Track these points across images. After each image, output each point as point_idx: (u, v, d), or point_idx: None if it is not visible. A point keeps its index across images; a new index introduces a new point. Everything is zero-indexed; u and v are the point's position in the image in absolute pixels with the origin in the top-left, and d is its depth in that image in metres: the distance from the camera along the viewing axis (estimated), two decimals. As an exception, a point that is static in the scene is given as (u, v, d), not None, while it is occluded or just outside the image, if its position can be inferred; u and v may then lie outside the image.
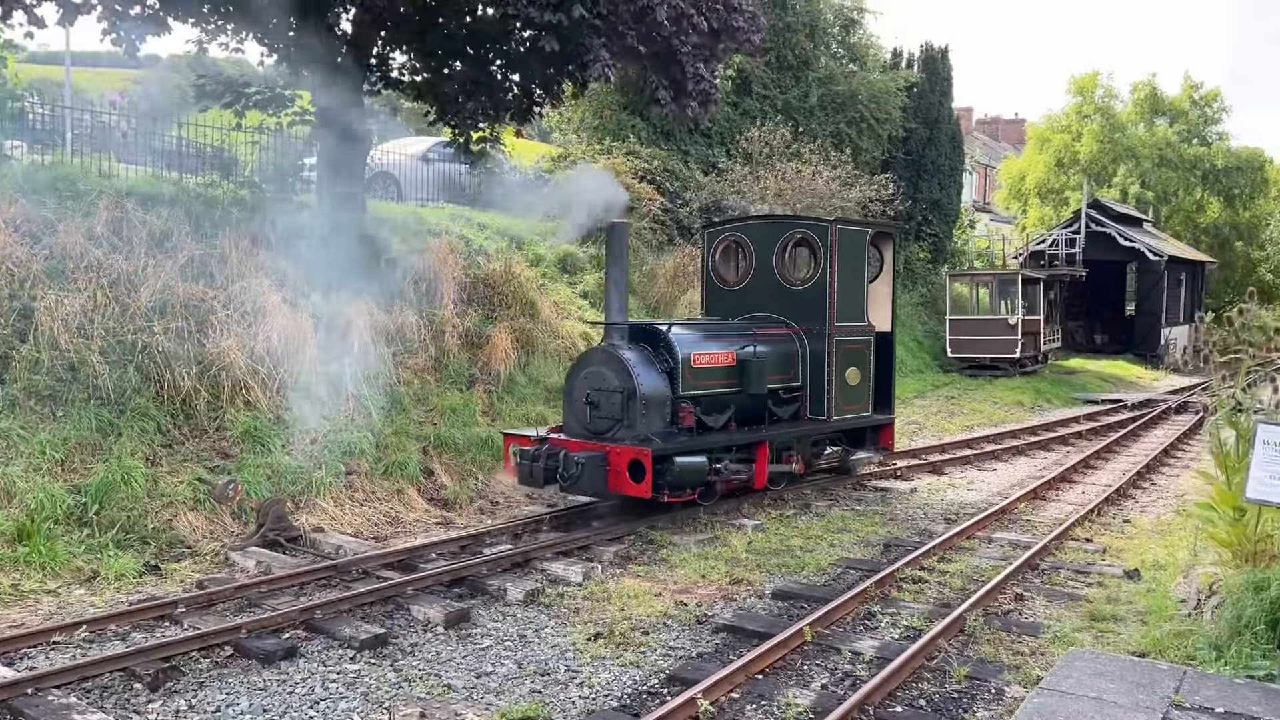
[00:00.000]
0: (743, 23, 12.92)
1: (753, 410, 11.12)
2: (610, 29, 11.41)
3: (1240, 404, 8.57)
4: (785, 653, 6.61)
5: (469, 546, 9.07)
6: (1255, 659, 5.69)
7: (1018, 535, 10.31)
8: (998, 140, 59.54)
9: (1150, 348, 35.80)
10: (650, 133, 23.26)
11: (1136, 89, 47.86)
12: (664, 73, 12.46)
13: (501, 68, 13.33)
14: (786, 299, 11.77)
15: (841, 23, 28.54)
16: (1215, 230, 46.83)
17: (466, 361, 12.69)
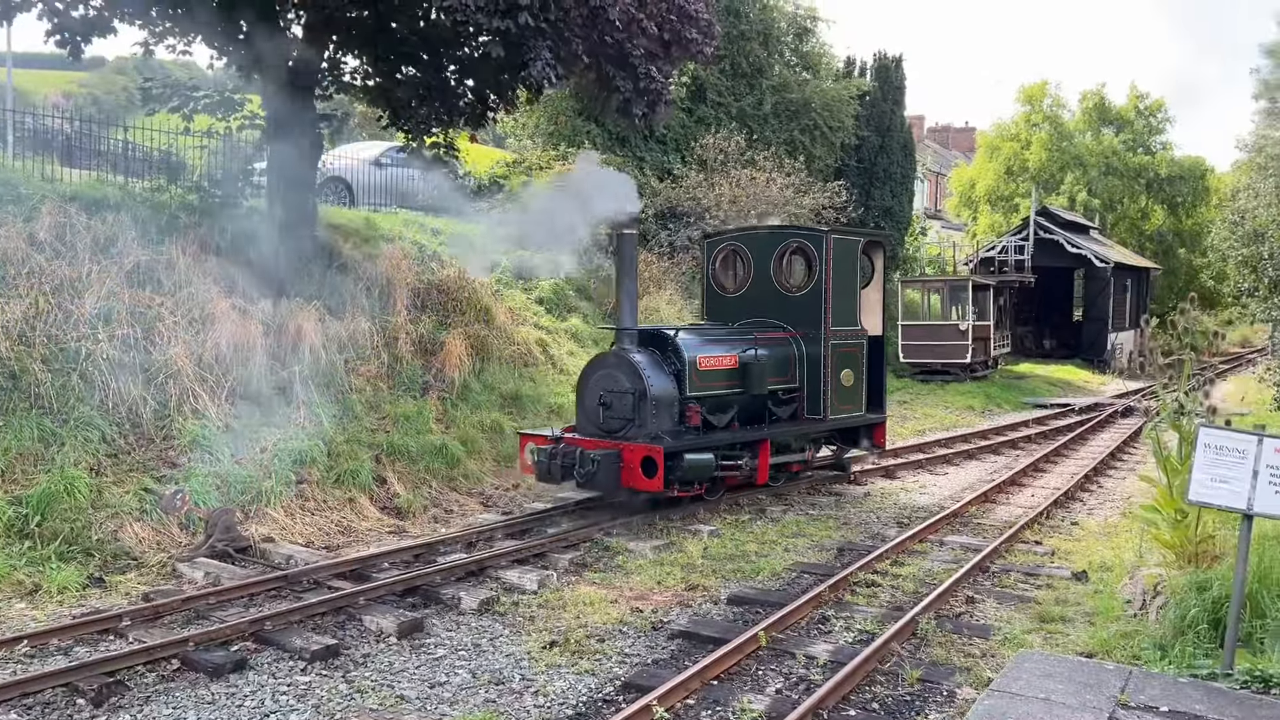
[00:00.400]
0: (696, 34, 12.97)
1: (754, 410, 11.60)
2: (558, 35, 11.40)
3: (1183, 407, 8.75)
4: (740, 658, 6.63)
5: (422, 555, 8.99)
6: (1198, 658, 5.80)
7: (969, 538, 10.43)
8: (949, 148, 60.39)
9: (1097, 353, 36.47)
10: (605, 139, 23.27)
11: (1085, 98, 48.80)
12: (619, 69, 12.48)
13: (455, 73, 13.27)
14: (784, 305, 12.26)
15: (795, 31, 28.78)
16: (1159, 237, 47.87)
17: (420, 368, 12.59)
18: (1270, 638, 5.79)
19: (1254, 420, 14.24)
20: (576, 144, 21.94)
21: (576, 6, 11.32)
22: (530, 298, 16.40)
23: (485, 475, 11.92)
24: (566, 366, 15.21)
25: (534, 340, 14.98)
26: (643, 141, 24.18)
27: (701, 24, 12.93)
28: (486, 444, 12.38)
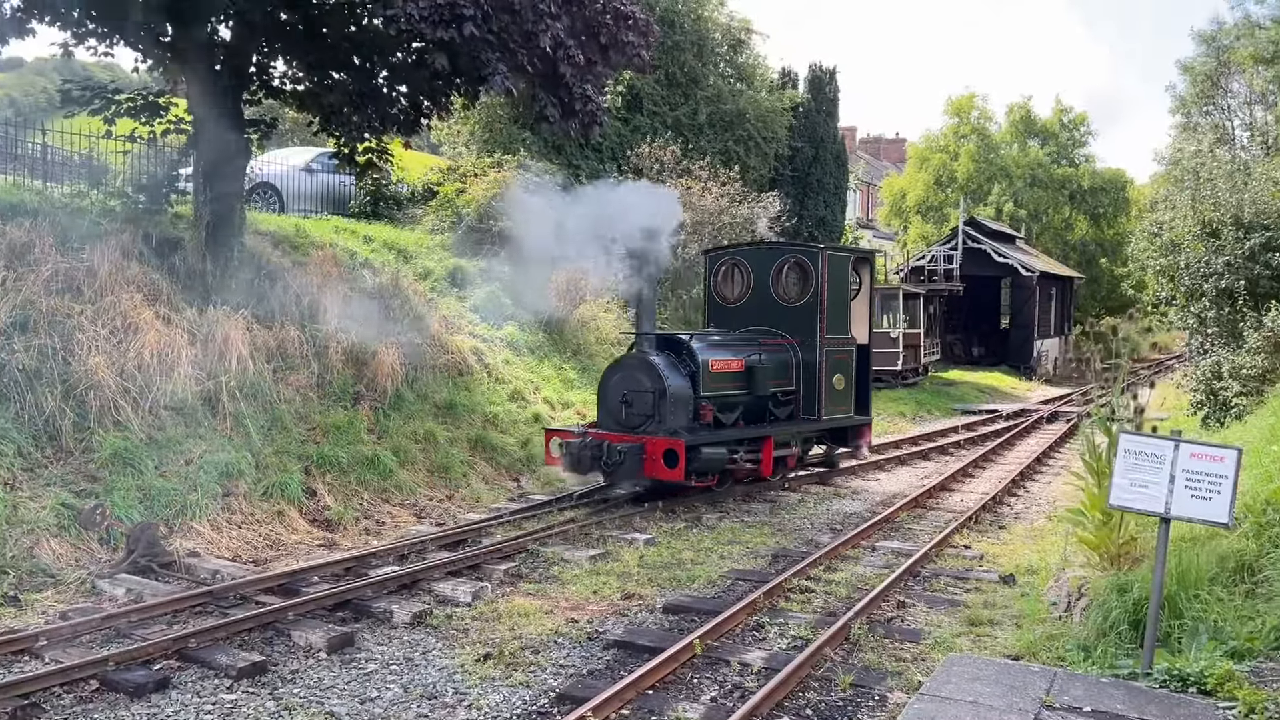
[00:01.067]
0: (633, 37, 13.00)
1: (757, 410, 12.59)
2: (503, 46, 11.35)
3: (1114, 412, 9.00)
4: (675, 667, 6.63)
5: (354, 569, 8.83)
6: (1120, 658, 5.95)
7: (900, 543, 10.59)
8: (880, 159, 61.35)
9: (1024, 360, 37.36)
10: (541, 146, 23.21)
11: (1012, 111, 49.97)
12: (551, 92, 12.46)
13: (388, 79, 13.11)
14: (781, 314, 13.25)
15: (729, 42, 29.04)
16: (1082, 247, 49.21)
17: (351, 378, 12.39)
18: (1188, 637, 5.95)
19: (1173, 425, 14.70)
20: (512, 151, 21.85)
21: (514, 23, 11.29)
22: (465, 305, 16.26)
23: (419, 486, 11.76)
24: (502, 375, 15.11)
25: (469, 349, 14.84)
26: (578, 149, 24.16)
27: (639, 25, 12.96)
28: (420, 454, 12.23)
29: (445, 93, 12.91)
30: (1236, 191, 15.63)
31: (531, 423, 14.45)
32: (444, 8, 10.49)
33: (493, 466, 13.06)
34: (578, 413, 15.79)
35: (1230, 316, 15.07)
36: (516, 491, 12.60)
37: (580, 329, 18.10)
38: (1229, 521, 5.51)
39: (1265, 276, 14.58)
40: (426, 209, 18.99)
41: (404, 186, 20.21)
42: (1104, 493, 7.09)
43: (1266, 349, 13.16)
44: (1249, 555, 6.75)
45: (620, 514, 11.07)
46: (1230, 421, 13.64)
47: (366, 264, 14.75)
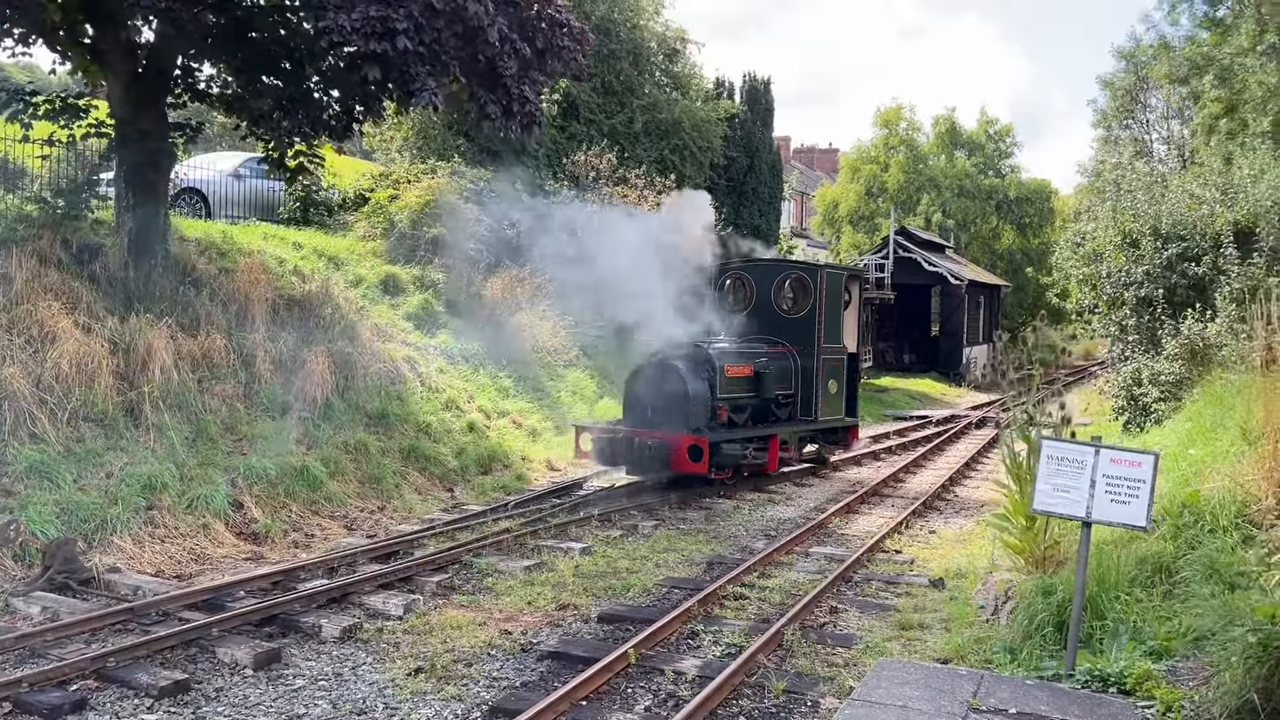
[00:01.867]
0: (569, 43, 13.00)
1: (762, 411, 13.82)
2: (434, 58, 11.25)
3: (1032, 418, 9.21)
4: (609, 677, 6.60)
5: (281, 582, 8.63)
6: (1044, 660, 6.08)
7: (833, 549, 10.70)
8: (814, 169, 62.15)
9: (953, 366, 38.11)
10: (476, 153, 23.08)
11: (938, 123, 51.04)
12: (490, 91, 12.39)
13: (319, 84, 12.91)
14: (782, 325, 14.59)
15: (665, 52, 29.18)
16: (1009, 256, 50.40)
17: (280, 387, 12.15)
18: (1109, 638, 6.10)
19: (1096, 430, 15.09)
20: (446, 157, 21.68)
21: (449, 27, 11.19)
22: (398, 314, 16.07)
23: (349, 497, 11.56)
24: (436, 384, 14.95)
25: (401, 358, 14.66)
26: (514, 156, 24.07)
27: (574, 31, 12.98)
28: (351, 465, 12.03)
29: (378, 98, 12.77)
30: (1155, 203, 16.14)
31: (466, 432, 14.33)
32: (376, 20, 10.37)
33: (426, 477, 12.91)
34: (512, 421, 15.71)
35: (1149, 324, 15.55)
36: (450, 502, 12.47)
37: (516, 336, 18.01)
38: (1147, 525, 5.67)
39: (1182, 285, 15.08)
40: (358, 215, 18.77)
41: (335, 192, 19.94)
42: (1027, 498, 7.25)
43: (1183, 356, 13.60)
44: (1167, 557, 6.95)
45: (556, 524, 11.01)
46: (1150, 426, 14.07)
47: (296, 271, 14.49)
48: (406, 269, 17.27)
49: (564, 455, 15.45)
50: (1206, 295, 14.39)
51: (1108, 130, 45.38)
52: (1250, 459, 7.63)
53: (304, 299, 13.57)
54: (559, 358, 18.87)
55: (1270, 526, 6.77)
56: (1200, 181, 16.97)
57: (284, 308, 13.17)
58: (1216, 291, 14.05)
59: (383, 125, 22.36)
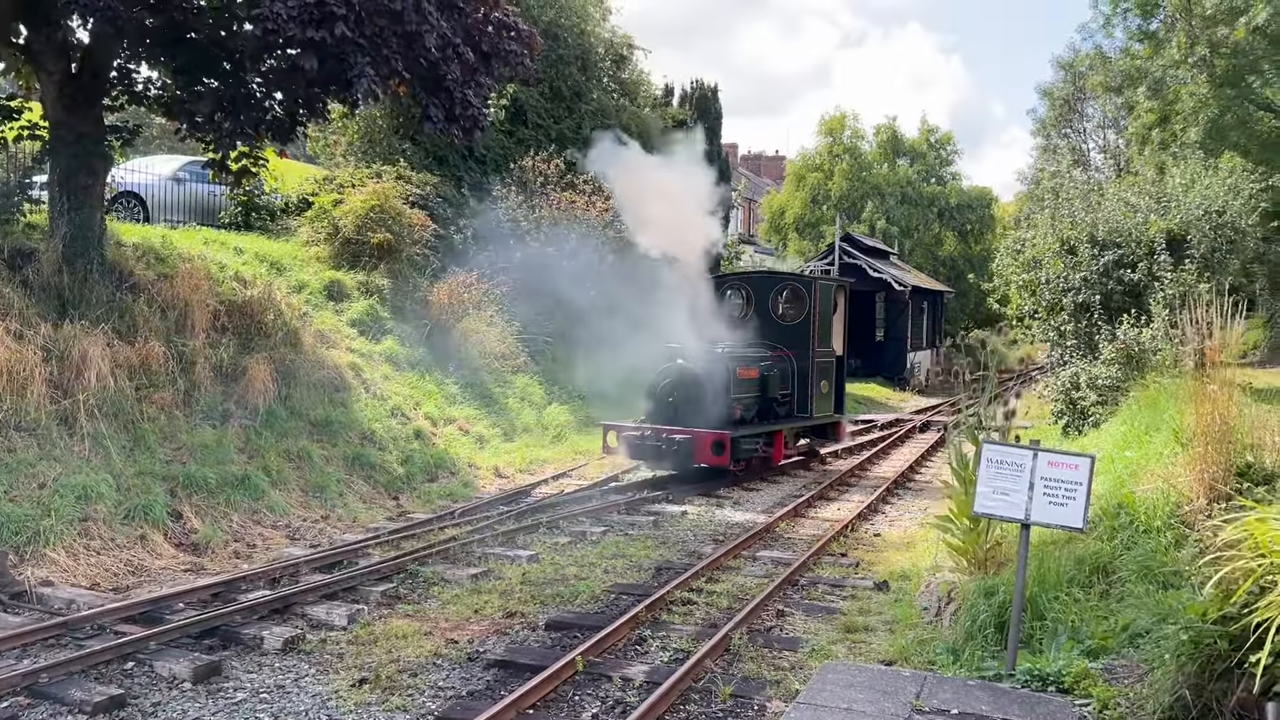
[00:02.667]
0: (515, 46, 12.95)
1: (766, 409, 15.20)
2: (375, 51, 11.12)
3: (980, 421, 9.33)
4: (557, 685, 6.58)
5: (222, 594, 8.47)
6: (986, 660, 6.17)
7: (780, 553, 10.77)
8: (761, 175, 62.64)
9: (898, 371, 38.60)
10: (422, 157, 22.88)
11: (880, 131, 51.75)
12: (433, 95, 12.30)
13: (261, 85, 12.70)
14: (780, 331, 16.16)
15: (613, 57, 29.21)
16: (951, 262, 51.23)
17: (220, 395, 11.93)
18: (1048, 638, 6.22)
19: (1036, 434, 15.38)
20: (391, 162, 21.45)
21: (391, 25, 11.08)
22: (342, 320, 15.86)
23: (292, 506, 11.39)
24: (382, 391, 14.78)
25: (346, 364, 14.48)
26: (461, 161, 23.92)
27: (522, 35, 12.93)
28: (294, 473, 11.86)
29: (322, 99, 12.60)
30: (1091, 211, 16.50)
31: (412, 439, 14.19)
32: (313, 7, 10.22)
33: (371, 485, 12.76)
34: (459, 428, 15.59)
35: (1087, 329, 15.88)
36: (396, 510, 12.34)
37: (463, 342, 17.88)
38: (1084, 526, 5.78)
39: (1118, 291, 15.42)
40: (302, 220, 18.50)
41: (278, 197, 19.63)
42: (970, 500, 7.36)
43: (1119, 360, 13.90)
44: (1104, 557, 7.10)
45: (503, 531, 10.94)
46: (1088, 429, 14.36)
47: (238, 277, 14.24)
48: (351, 274, 17.06)
49: (511, 462, 15.38)
50: (1141, 301, 14.73)
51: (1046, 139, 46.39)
52: (1182, 461, 7.83)
53: (246, 305, 13.33)
54: (507, 364, 18.78)
55: (1201, 526, 6.95)
56: (1135, 190, 17.40)
57: (225, 314, 12.93)
58: (1151, 297, 14.39)
59: (327, 129, 22.09)
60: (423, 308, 17.49)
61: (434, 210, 20.48)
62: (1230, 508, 6.37)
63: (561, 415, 18.35)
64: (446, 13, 11.75)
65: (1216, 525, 6.00)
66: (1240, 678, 4.38)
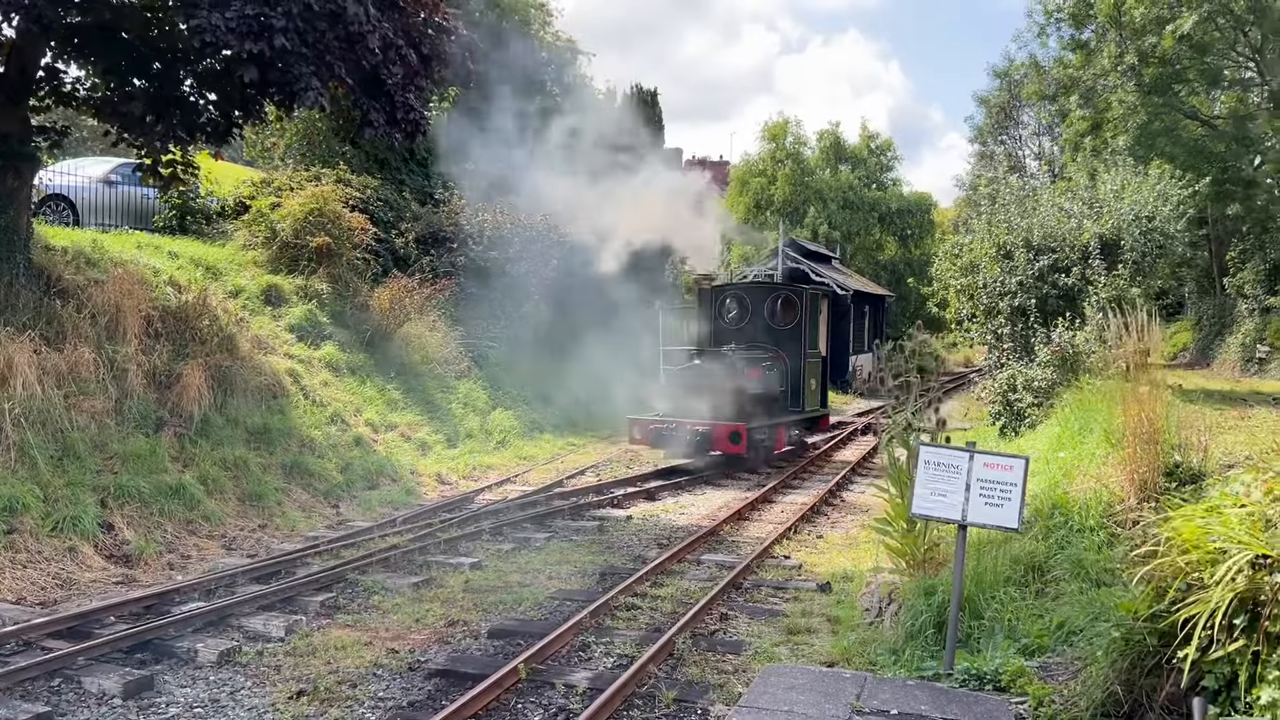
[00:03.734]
0: (455, 50, 12.84)
1: (767, 405, 16.73)
2: (318, 57, 10.94)
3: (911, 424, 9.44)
4: (499, 693, 6.52)
5: (155, 606, 8.26)
6: (925, 660, 6.24)
7: (724, 556, 10.80)
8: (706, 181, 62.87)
9: (840, 374, 38.93)
10: (363, 160, 22.61)
11: (823, 136, 52.31)
12: (374, 99, 12.14)
13: (194, 86, 12.43)
14: (774, 334, 17.94)
15: (556, 61, 29.16)
16: (892, 266, 51.93)
17: (154, 403, 11.64)
18: (985, 637, 6.31)
19: (975, 435, 15.63)
20: (331, 164, 21.18)
21: (332, 29, 10.91)
22: (280, 325, 15.59)
23: (228, 516, 11.15)
24: (321, 397, 14.55)
25: (284, 370, 14.23)
26: (403, 164, 23.68)
27: (462, 39, 12.82)
28: (230, 482, 11.61)
29: (258, 102, 12.36)
30: (1027, 216, 16.84)
31: (352, 446, 13.99)
32: (252, 19, 10.03)
33: (310, 493, 12.54)
34: (401, 434, 15.41)
35: (1023, 332, 16.21)
36: (336, 519, 12.14)
37: (405, 348, 17.69)
38: (1019, 526, 5.88)
39: (1053, 295, 15.76)
40: (238, 224, 18.16)
41: (214, 200, 19.25)
42: (908, 502, 7.44)
43: (1054, 362, 14.21)
44: (1039, 556, 7.24)
45: (446, 539, 10.83)
46: (1024, 430, 14.64)
47: (172, 281, 13.93)
48: (289, 279, 16.78)
49: (454, 468, 15.24)
50: (1075, 304, 15.07)
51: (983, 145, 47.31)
52: (1114, 461, 8.02)
53: (180, 310, 13.03)
54: (450, 369, 18.61)
55: (1132, 525, 7.11)
56: (1068, 196, 17.79)
57: (158, 320, 12.63)
58: (1084, 301, 14.73)
59: (264, 131, 21.72)
60: (363, 312, 17.26)
61: (375, 214, 20.24)
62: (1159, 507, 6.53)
63: (506, 421, 18.24)
64: (388, 13, 11.61)
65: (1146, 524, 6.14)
66: (1169, 673, 4.48)
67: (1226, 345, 27.38)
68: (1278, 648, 3.94)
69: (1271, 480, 4.61)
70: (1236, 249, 28.35)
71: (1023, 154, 48.07)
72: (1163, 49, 22.53)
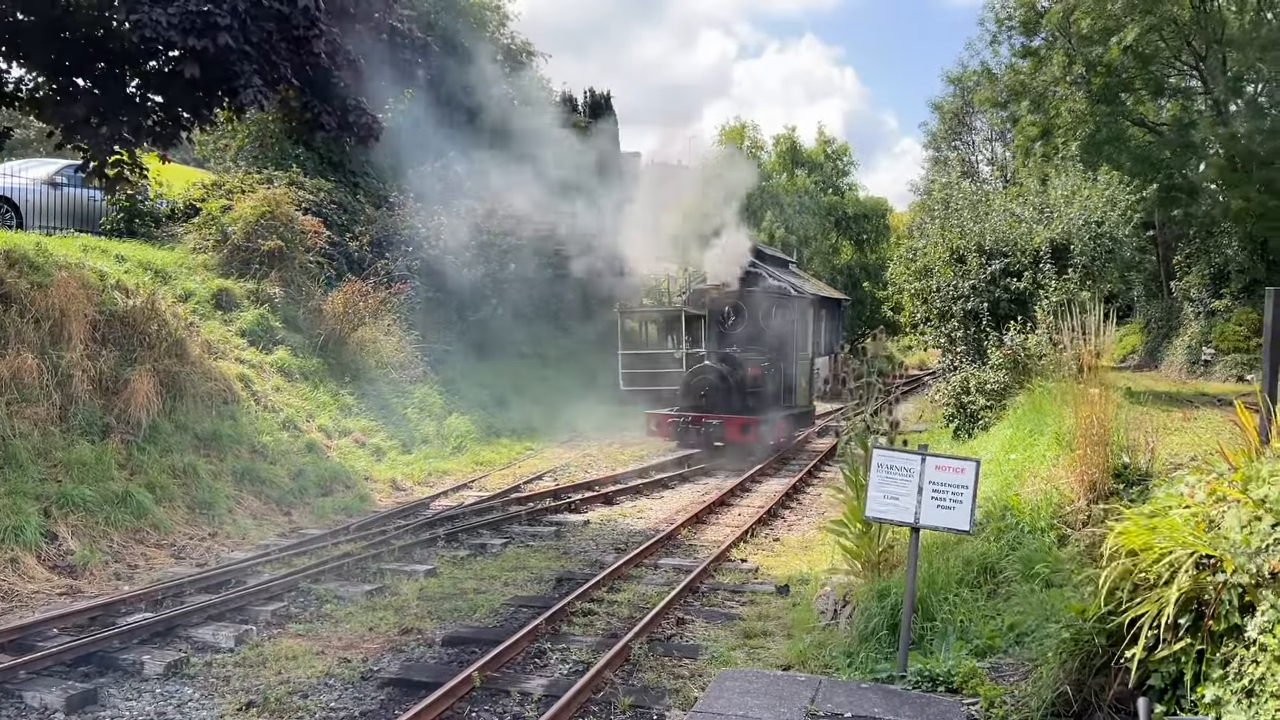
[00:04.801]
0: (409, 54, 12.76)
1: (766, 401, 18.74)
2: (264, 57, 10.79)
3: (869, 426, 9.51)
4: (453, 701, 6.45)
5: (100, 618, 8.08)
6: (879, 662, 6.27)
7: (681, 560, 10.79)
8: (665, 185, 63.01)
9: (799, 377, 39.14)
10: (317, 163, 22.34)
11: (779, 141, 52.71)
12: (325, 102, 12.00)
13: (141, 87, 12.19)
14: (769, 338, 19.95)
15: (510, 64, 29.05)
16: (848, 270, 52.41)
17: (100, 409, 11.40)
18: (938, 639, 6.36)
19: (930, 437, 15.78)
20: (284, 167, 20.90)
21: (279, 30, 10.76)
22: (231, 329, 15.35)
23: (177, 524, 10.94)
24: (273, 403, 14.34)
25: (235, 375, 14.00)
26: (357, 166, 23.44)
27: (416, 42, 12.74)
28: (179, 490, 11.39)
29: (205, 104, 12.14)
30: (979, 221, 17.02)
31: (305, 452, 13.80)
32: (196, 15, 9.86)
33: (261, 500, 12.35)
34: (354, 440, 15.23)
35: (976, 336, 16.37)
36: (288, 526, 11.96)
37: (360, 352, 17.49)
38: (970, 529, 5.93)
39: (1005, 299, 15.94)
40: (188, 227, 17.85)
41: (163, 202, 18.91)
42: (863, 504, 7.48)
43: (1006, 365, 14.36)
44: (991, 558, 7.31)
45: (400, 545, 10.71)
46: (977, 433, 14.79)
47: (119, 286, 13.63)
48: (241, 283, 16.53)
49: (410, 474, 15.09)
50: (1027, 308, 15.25)
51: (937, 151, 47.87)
52: (1064, 463, 8.12)
53: (127, 315, 12.77)
54: (405, 373, 18.44)
55: (1082, 526, 7.21)
56: (1020, 201, 18.02)
57: (105, 324, 12.37)
58: (1036, 304, 14.91)
59: (214, 133, 21.38)
60: (317, 317, 17.04)
61: (328, 217, 20.01)
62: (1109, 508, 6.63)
63: (463, 425, 18.10)
64: (337, 18, 11.48)
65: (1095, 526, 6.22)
66: (1117, 673, 4.53)
67: (1173, 347, 27.94)
68: (1221, 646, 4.00)
69: (1214, 482, 4.68)
70: (1183, 253, 28.95)
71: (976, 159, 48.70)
72: (1109, 59, 22.95)
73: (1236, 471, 4.60)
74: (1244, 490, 4.35)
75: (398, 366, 18.32)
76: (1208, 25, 23.16)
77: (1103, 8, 22.68)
